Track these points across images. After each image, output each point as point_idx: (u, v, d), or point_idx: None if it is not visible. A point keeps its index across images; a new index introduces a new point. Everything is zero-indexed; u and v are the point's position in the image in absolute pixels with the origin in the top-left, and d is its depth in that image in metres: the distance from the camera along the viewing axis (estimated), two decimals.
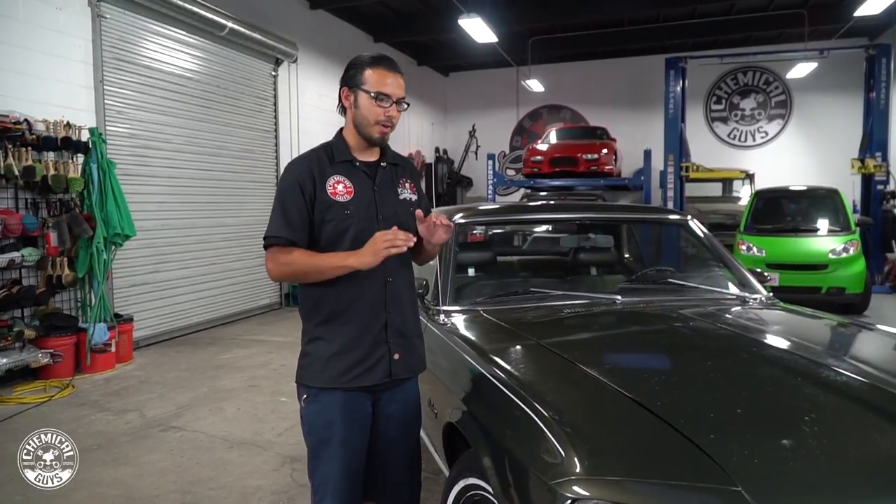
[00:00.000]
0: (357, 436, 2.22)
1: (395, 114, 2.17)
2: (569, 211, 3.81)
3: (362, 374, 2.18)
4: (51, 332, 5.73)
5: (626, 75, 15.97)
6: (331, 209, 2.16)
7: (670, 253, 6.84)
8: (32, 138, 5.58)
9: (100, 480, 3.70)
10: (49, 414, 4.90)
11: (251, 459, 4.01)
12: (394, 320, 2.23)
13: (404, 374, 2.27)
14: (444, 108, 17.81)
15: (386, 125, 2.17)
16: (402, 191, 2.30)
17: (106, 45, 6.72)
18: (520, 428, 1.86)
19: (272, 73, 9.74)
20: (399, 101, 2.17)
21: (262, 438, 4.35)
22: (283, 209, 2.17)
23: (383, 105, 2.14)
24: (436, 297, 3.11)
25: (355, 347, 2.18)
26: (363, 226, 2.17)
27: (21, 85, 5.78)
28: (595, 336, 2.67)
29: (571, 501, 1.57)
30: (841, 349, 2.60)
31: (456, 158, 17.45)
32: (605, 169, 12.55)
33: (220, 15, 8.02)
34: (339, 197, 2.17)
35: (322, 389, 2.20)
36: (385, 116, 2.15)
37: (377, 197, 2.22)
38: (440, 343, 2.81)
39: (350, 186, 2.20)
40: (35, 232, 5.63)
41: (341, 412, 2.19)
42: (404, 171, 2.36)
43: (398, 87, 2.16)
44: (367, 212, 2.19)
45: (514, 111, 17.25)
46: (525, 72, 14.60)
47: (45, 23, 6.07)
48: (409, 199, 2.30)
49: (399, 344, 2.24)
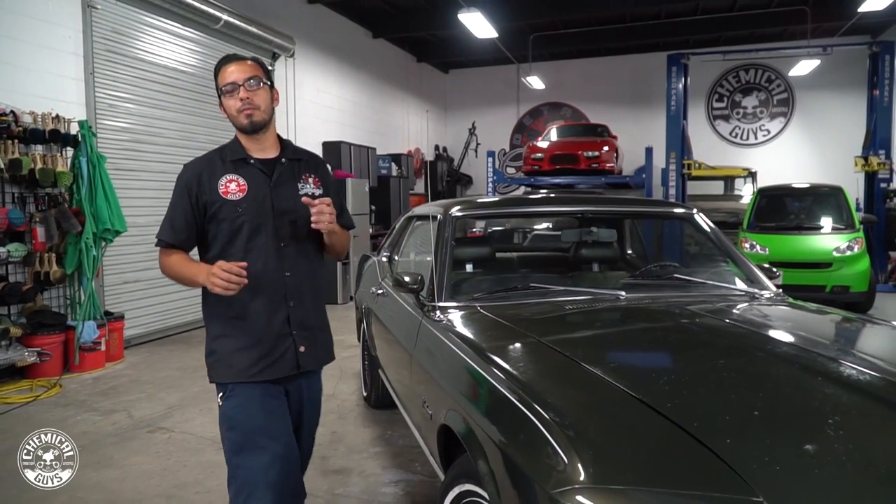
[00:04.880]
0: (282, 426, 2.25)
1: (245, 94, 2.22)
2: (571, 204, 3.67)
3: (268, 368, 2.24)
4: (38, 329, 5.59)
5: (628, 72, 15.83)
6: (223, 208, 2.25)
7: (673, 248, 6.71)
8: (19, 130, 5.44)
9: (81, 484, 3.55)
10: (34, 414, 4.76)
11: None
12: (295, 313, 2.29)
13: (311, 367, 2.35)
14: (444, 106, 17.67)
15: (246, 108, 2.23)
16: (303, 185, 2.34)
17: (97, 37, 6.58)
18: (519, 431, 1.72)
19: (268, 67, 9.58)
20: (247, 81, 2.22)
21: None
22: (170, 213, 2.31)
23: (234, 94, 2.23)
24: (431, 293, 2.97)
25: (259, 342, 2.24)
26: (258, 222, 2.25)
27: (7, 76, 5.64)
28: (599, 333, 2.53)
29: None
30: (859, 347, 2.46)
31: (455, 156, 17.31)
32: (606, 167, 12.39)
33: (214, 7, 7.88)
34: (231, 195, 2.25)
35: (237, 384, 2.24)
36: (240, 101, 2.23)
37: (273, 193, 2.29)
38: (435, 341, 2.68)
39: (244, 184, 2.27)
40: (21, 227, 5.48)
41: (261, 403, 2.23)
42: (308, 166, 2.40)
43: (241, 72, 2.23)
44: (261, 208, 2.26)
45: (515, 109, 17.13)
46: (526, 69, 14.46)
47: (33, 12, 5.92)
48: (311, 194, 2.32)
49: (304, 336, 2.30)
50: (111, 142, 6.71)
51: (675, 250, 6.23)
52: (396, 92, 14.38)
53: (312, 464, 3.75)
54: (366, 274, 5.03)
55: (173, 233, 2.30)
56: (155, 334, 7.27)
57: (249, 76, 2.23)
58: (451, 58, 16.27)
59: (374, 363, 4.53)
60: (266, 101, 2.28)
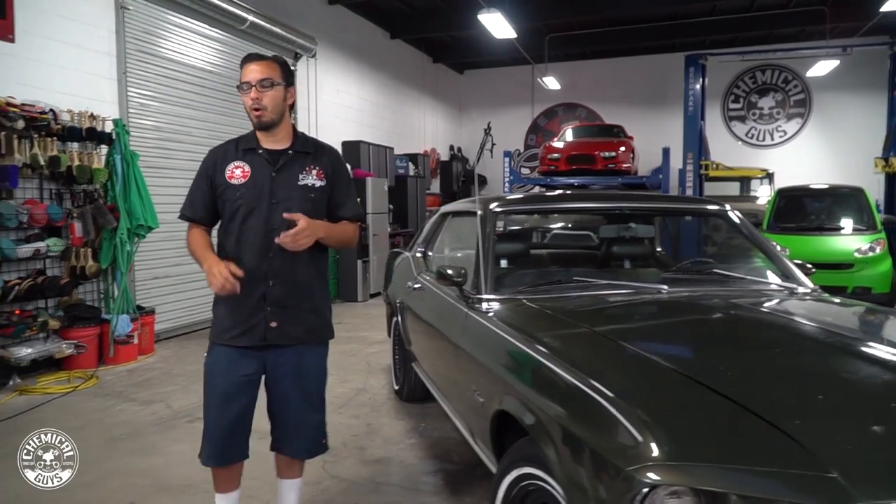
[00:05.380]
0: (236, 391, 2.51)
1: (255, 95, 2.44)
2: (606, 200, 3.74)
3: (239, 336, 2.50)
4: (74, 322, 5.71)
5: (643, 73, 15.86)
6: (226, 191, 2.52)
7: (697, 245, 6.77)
8: (58, 128, 5.55)
9: (130, 469, 3.67)
10: (75, 404, 4.87)
11: None
12: (273, 292, 2.50)
13: (280, 341, 2.53)
14: (459, 106, 17.74)
15: (255, 108, 2.46)
16: (303, 176, 2.53)
17: (129, 37, 6.70)
18: (588, 413, 1.80)
19: (291, 67, 9.69)
20: (259, 82, 2.43)
21: None
22: (191, 192, 2.61)
23: (248, 93, 2.46)
24: (475, 287, 3.06)
25: (236, 311, 2.50)
26: (253, 206, 2.49)
27: (46, 75, 5.76)
28: (649, 324, 2.60)
29: (649, 489, 1.51)
30: None
31: (470, 156, 17.37)
32: (623, 167, 12.45)
33: (240, 8, 7.99)
34: (235, 180, 2.52)
35: (215, 344, 2.57)
36: (251, 100, 2.45)
37: (273, 181, 2.51)
38: (483, 330, 2.76)
39: (248, 171, 2.52)
40: (60, 222, 5.60)
41: (225, 366, 2.53)
42: (315, 159, 2.58)
43: (256, 72, 2.45)
44: (258, 193, 2.49)
45: (529, 109, 17.17)
46: (541, 69, 14.51)
47: (70, 14, 6.04)
48: (309, 185, 2.53)
49: (277, 313, 2.50)
50: (143, 140, 6.82)
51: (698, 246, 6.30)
52: (413, 92, 14.47)
53: (351, 454, 3.88)
54: (397, 270, 5.11)
55: (192, 209, 2.61)
56: (183, 329, 7.38)
57: (262, 77, 2.44)
58: (467, 58, 16.34)
59: (406, 357, 4.62)
60: (275, 101, 2.47)
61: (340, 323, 8.23)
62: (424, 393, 4.72)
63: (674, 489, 1.50)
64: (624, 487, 1.55)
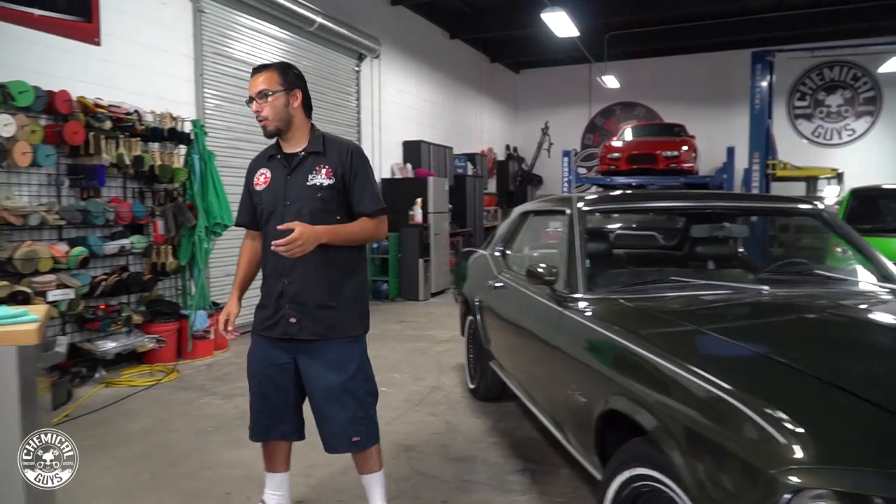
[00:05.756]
0: (269, 378, 2.74)
1: (256, 108, 2.59)
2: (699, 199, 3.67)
3: (267, 328, 2.71)
4: (155, 318, 5.88)
5: (704, 71, 15.58)
6: (254, 197, 2.74)
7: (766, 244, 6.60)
8: (142, 129, 5.73)
9: (222, 461, 3.76)
10: (160, 397, 5.01)
11: None
12: (289, 290, 2.64)
13: (301, 336, 2.66)
14: (515, 106, 17.70)
15: (259, 120, 2.61)
16: (312, 176, 2.62)
17: (206, 40, 6.88)
18: (719, 415, 1.76)
19: (355, 68, 9.82)
20: (258, 95, 2.57)
21: None
22: (241, 199, 2.86)
23: (251, 106, 2.62)
24: (568, 286, 3.04)
25: (265, 306, 2.72)
26: (271, 210, 2.66)
27: (131, 77, 5.95)
28: (760, 324, 2.54)
29: (793, 493, 1.48)
30: None
31: (525, 156, 17.31)
32: (685, 167, 12.24)
33: (309, 10, 8.11)
34: (259, 187, 2.72)
35: (252, 334, 2.81)
36: (255, 113, 2.61)
37: (287, 184, 2.64)
38: (583, 330, 2.74)
39: (269, 177, 2.70)
40: (143, 220, 5.78)
41: (259, 353, 2.76)
42: (327, 158, 2.65)
43: (255, 85, 2.59)
44: (274, 197, 2.65)
45: (586, 109, 17.05)
46: (600, 68, 14.38)
47: (151, 17, 6.23)
48: (317, 185, 2.61)
49: (295, 310, 2.64)
50: (217, 140, 6.98)
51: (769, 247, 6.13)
52: (470, 92, 14.49)
53: (435, 451, 3.90)
54: (472, 270, 5.12)
55: (240, 215, 2.87)
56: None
57: (259, 90, 2.58)
58: (523, 58, 16.30)
59: (483, 356, 4.62)
60: (276, 109, 2.59)
61: (405, 321, 8.31)
62: (500, 392, 4.74)
63: (818, 493, 1.47)
64: (765, 491, 1.53)
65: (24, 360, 1.86)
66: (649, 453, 2.07)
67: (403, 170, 10.91)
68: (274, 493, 2.96)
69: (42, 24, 5.18)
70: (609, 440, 2.48)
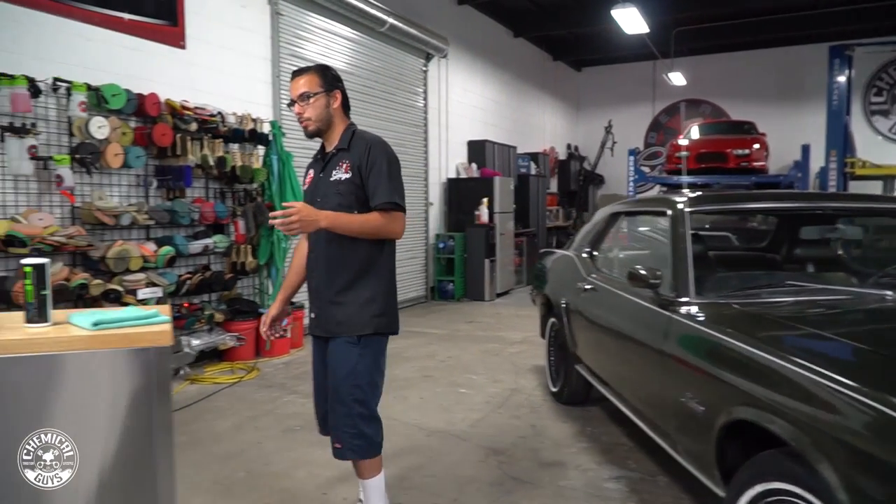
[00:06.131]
0: (315, 375, 2.86)
1: (298, 110, 2.64)
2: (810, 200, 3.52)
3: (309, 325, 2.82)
4: (235, 316, 5.97)
5: (774, 66, 15.10)
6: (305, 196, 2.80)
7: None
8: (225, 130, 5.82)
9: (313, 460, 3.77)
10: (244, 394, 5.08)
11: (453, 449, 3.98)
12: (311, 285, 2.76)
13: (316, 332, 2.75)
14: (577, 104, 17.49)
15: (301, 121, 2.66)
16: (336, 172, 2.65)
17: (282, 42, 6.96)
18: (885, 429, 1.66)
19: (423, 68, 9.82)
20: (299, 97, 2.62)
21: (456, 428, 4.32)
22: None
23: (293, 109, 2.67)
24: (675, 289, 2.95)
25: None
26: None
27: (214, 80, 6.05)
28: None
29: None
30: None
31: (587, 155, 17.09)
32: (756, 165, 11.91)
33: (380, 10, 8.14)
34: (305, 186, 2.85)
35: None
36: (297, 115, 2.66)
37: (320, 181, 2.72)
38: (697, 335, 2.65)
39: (311, 176, 2.80)
40: (225, 220, 5.87)
41: (313, 351, 2.88)
42: (350, 155, 2.65)
43: (297, 88, 2.65)
44: (311, 196, 2.72)
45: (650, 106, 16.74)
46: (667, 65, 14.08)
47: (231, 20, 6.33)
48: (338, 180, 2.64)
49: (316, 304, 2.73)
50: (294, 140, 7.04)
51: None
52: (533, 91, 14.36)
53: (525, 456, 3.85)
54: (555, 271, 5.04)
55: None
56: None
57: (301, 92, 2.63)
58: (586, 55, 16.09)
59: (569, 359, 4.55)
60: (317, 111, 2.63)
61: (473, 322, 8.27)
62: (584, 395, 4.66)
63: None
64: None
65: (160, 361, 1.87)
66: (787, 467, 1.98)
67: (468, 169, 10.87)
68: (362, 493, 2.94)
69: (132, 28, 5.30)
70: (729, 451, 2.38)
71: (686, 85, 15.05)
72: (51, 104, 4.69)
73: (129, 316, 1.94)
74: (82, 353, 1.80)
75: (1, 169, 4.41)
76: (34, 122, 4.49)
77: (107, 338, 1.83)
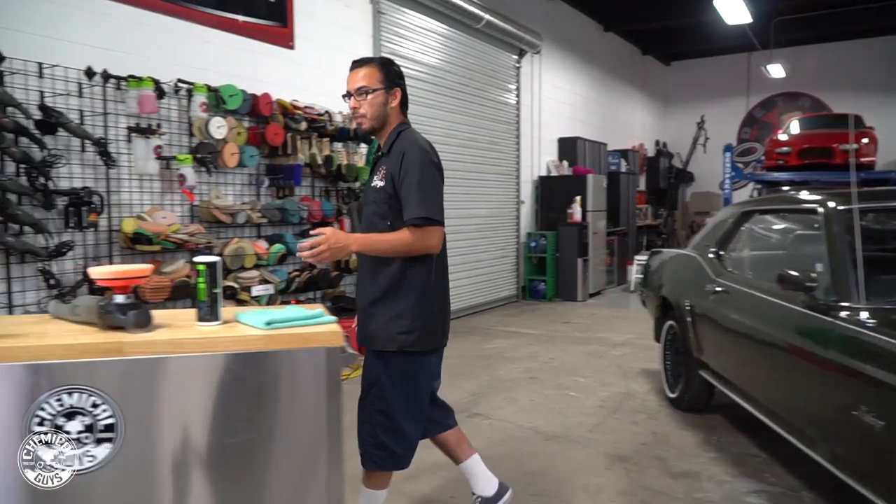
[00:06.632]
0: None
1: (354, 104, 2.49)
2: None
3: None
4: (340, 313, 5.98)
5: (879, 56, 14.28)
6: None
7: None
8: (332, 129, 5.86)
9: (439, 463, 3.71)
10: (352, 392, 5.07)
11: (575, 455, 3.86)
12: (356, 292, 2.69)
13: (359, 342, 2.63)
14: (665, 99, 17.01)
15: (354, 117, 2.52)
16: (375, 178, 2.54)
17: (383, 40, 6.97)
18: None
19: (516, 64, 9.70)
20: (356, 91, 2.47)
21: (574, 433, 4.20)
22: None
23: (349, 102, 2.52)
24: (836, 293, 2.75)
25: None
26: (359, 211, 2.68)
27: (320, 79, 6.10)
28: None
29: None
30: None
31: (675, 151, 16.59)
32: (865, 161, 11.25)
33: (477, 7, 8.07)
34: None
35: None
36: (352, 109, 2.52)
37: (368, 187, 2.61)
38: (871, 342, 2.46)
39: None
40: (331, 218, 5.92)
41: None
42: (389, 160, 2.49)
43: (355, 81, 2.49)
44: (364, 199, 2.64)
45: (743, 101, 16.10)
46: (763, 56, 13.50)
47: (336, 20, 6.38)
48: (377, 187, 2.51)
49: (358, 314, 2.64)
50: None
51: None
52: (621, 86, 14.03)
53: (651, 464, 3.70)
54: (674, 271, 4.85)
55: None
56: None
57: (359, 86, 2.47)
58: (676, 49, 15.64)
59: (690, 364, 4.36)
60: (374, 107, 2.47)
61: (569, 323, 8.11)
62: (706, 402, 4.46)
63: None
64: None
65: (331, 361, 1.84)
66: None
67: (559, 167, 10.69)
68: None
69: (246, 29, 5.40)
70: None
71: (783, 77, 14.40)
72: (172, 105, 4.81)
73: (298, 315, 1.92)
74: (258, 353, 1.78)
75: (128, 168, 4.55)
76: (159, 123, 4.62)
77: (282, 337, 1.80)
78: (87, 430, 1.65)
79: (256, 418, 1.78)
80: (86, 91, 4.28)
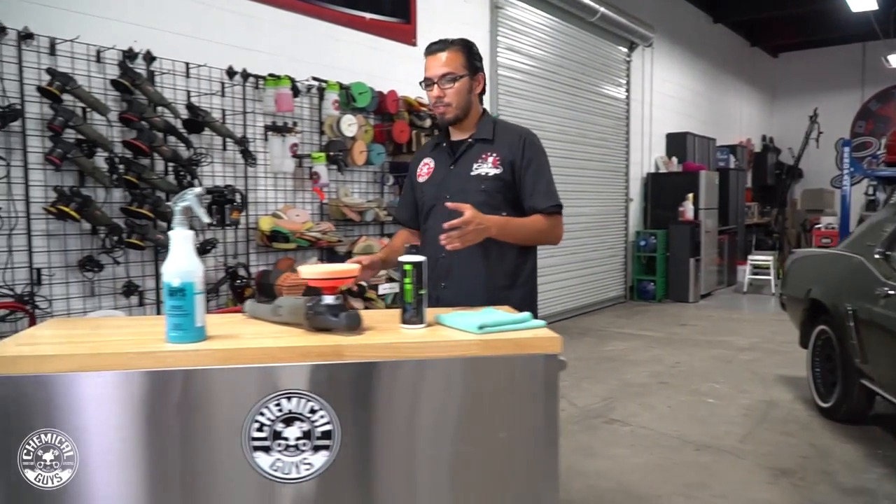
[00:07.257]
0: None
1: (438, 93, 2.25)
2: None
3: None
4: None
5: None
6: (417, 189, 2.42)
7: None
8: None
9: (583, 471, 3.58)
10: None
11: (731, 467, 3.65)
12: (445, 296, 2.24)
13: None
14: (772, 92, 16.24)
15: (437, 106, 2.28)
16: (478, 165, 2.27)
17: (500, 35, 6.88)
18: None
19: (626, 58, 9.42)
20: (441, 79, 2.24)
21: (724, 443, 3.97)
22: (402, 193, 2.59)
23: (430, 90, 2.29)
24: None
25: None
26: (431, 203, 2.32)
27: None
28: None
29: None
30: None
31: (782, 146, 15.80)
32: None
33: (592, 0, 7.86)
34: (421, 178, 2.40)
35: None
36: (433, 98, 2.29)
37: (450, 174, 2.31)
38: None
39: (432, 167, 2.38)
40: None
41: None
42: (497, 147, 2.28)
43: (434, 67, 2.26)
44: (436, 190, 2.31)
45: (857, 93, 15.17)
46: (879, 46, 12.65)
47: (455, 16, 6.32)
48: (482, 175, 2.26)
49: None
50: None
51: None
52: (728, 79, 13.45)
53: (820, 479, 3.47)
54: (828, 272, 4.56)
55: (399, 211, 2.57)
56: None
57: (443, 73, 2.24)
58: (785, 40, 14.88)
59: (849, 372, 4.07)
60: (460, 95, 2.26)
61: (686, 325, 7.81)
62: (866, 414, 4.16)
63: None
64: None
65: (548, 369, 1.73)
66: None
67: (668, 163, 10.33)
68: None
69: (372, 27, 5.39)
70: None
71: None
72: (305, 103, 4.85)
73: (508, 319, 1.82)
74: (474, 359, 1.69)
75: (263, 167, 4.61)
76: (294, 122, 4.66)
77: (500, 343, 1.70)
78: (304, 436, 1.59)
79: (472, 428, 1.69)
80: (227, 90, 4.36)
